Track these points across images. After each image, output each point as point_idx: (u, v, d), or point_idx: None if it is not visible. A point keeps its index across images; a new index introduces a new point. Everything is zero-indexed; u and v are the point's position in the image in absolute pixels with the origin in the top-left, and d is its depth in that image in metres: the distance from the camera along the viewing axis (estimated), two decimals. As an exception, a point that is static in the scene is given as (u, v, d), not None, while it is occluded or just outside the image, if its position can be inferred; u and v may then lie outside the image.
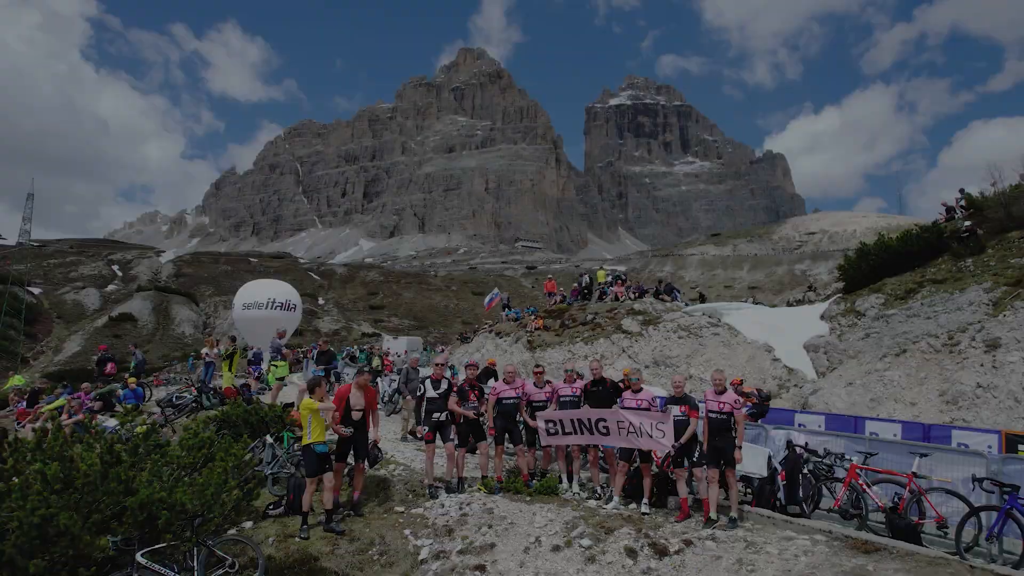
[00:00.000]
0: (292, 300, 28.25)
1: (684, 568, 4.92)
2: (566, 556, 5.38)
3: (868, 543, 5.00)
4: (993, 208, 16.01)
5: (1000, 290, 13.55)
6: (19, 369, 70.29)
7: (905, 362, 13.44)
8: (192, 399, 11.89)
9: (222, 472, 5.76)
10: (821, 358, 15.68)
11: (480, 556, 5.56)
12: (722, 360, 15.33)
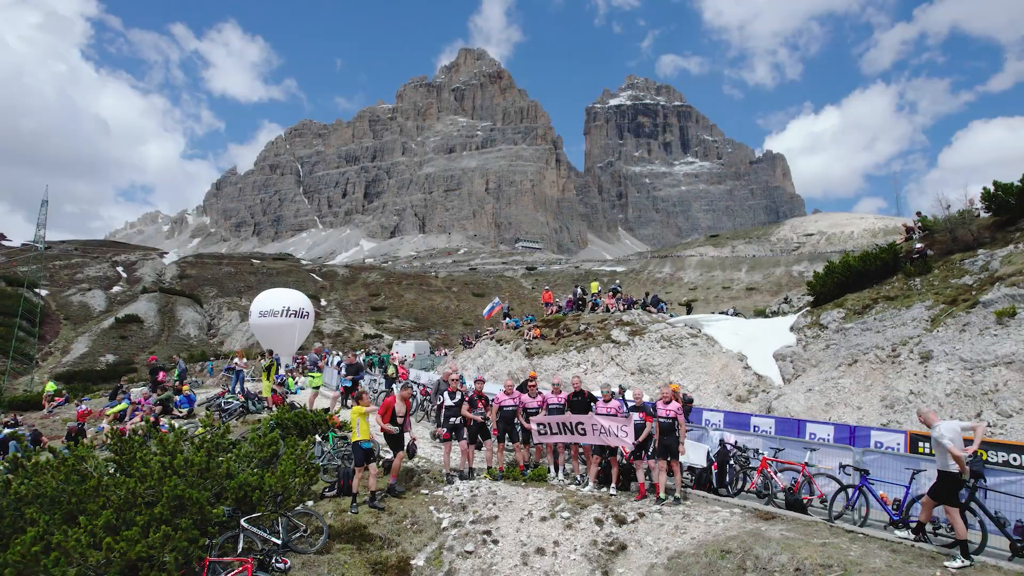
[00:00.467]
0: (305, 308, 30.02)
1: (636, 532, 6.71)
2: (551, 524, 7.19)
3: (768, 513, 6.83)
4: (941, 232, 17.78)
5: (939, 307, 15.31)
6: (32, 370, 72.06)
7: (855, 371, 15.21)
8: (239, 404, 13.64)
9: (292, 462, 7.61)
10: (788, 366, 17.44)
11: (487, 524, 7.35)
12: (699, 368, 17.10)
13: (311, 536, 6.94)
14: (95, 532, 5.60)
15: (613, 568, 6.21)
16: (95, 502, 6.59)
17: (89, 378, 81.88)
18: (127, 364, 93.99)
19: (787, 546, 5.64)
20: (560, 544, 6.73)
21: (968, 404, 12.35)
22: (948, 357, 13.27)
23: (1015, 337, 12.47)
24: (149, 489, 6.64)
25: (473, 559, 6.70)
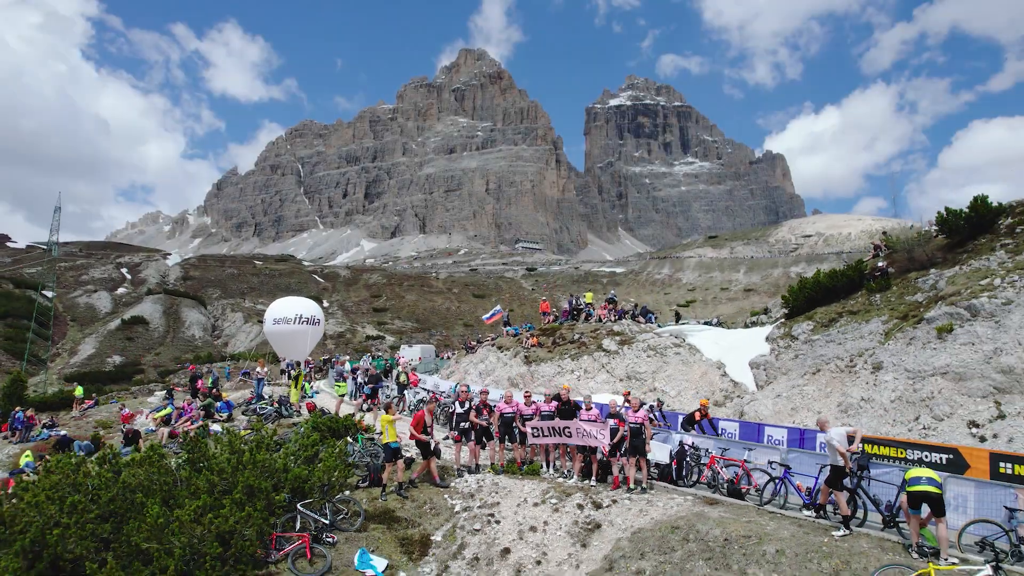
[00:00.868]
0: (316, 315, 31.72)
1: (609, 514, 8.48)
2: (541, 509, 8.94)
3: (713, 499, 8.58)
4: (900, 252, 19.53)
5: (892, 322, 17.06)
6: (44, 371, 73.72)
7: (818, 379, 16.96)
8: (273, 410, 15.39)
9: (333, 460, 9.41)
10: (761, 374, 19.19)
11: (491, 508, 9.10)
12: (680, 375, 18.89)
13: (351, 518, 8.71)
14: (196, 512, 7.40)
15: (590, 542, 7.96)
16: (183, 490, 8.43)
17: (98, 379, 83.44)
18: (134, 365, 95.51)
19: (721, 523, 7.38)
20: (549, 524, 8.49)
21: (909, 409, 14.14)
22: (895, 368, 15.04)
23: (950, 351, 14.25)
24: (224, 480, 8.46)
25: (480, 535, 8.47)
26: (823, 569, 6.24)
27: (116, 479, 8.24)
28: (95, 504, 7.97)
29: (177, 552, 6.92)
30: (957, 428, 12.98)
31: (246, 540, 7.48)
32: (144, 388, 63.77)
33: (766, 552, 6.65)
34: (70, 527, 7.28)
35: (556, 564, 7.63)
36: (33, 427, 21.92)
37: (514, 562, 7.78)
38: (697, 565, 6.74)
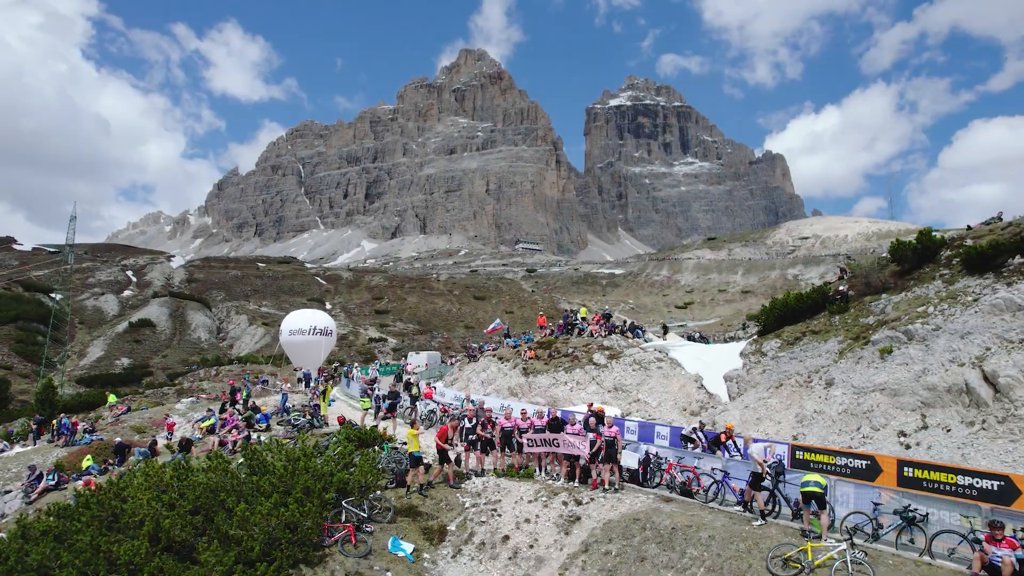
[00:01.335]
0: (329, 327, 34.03)
1: (587, 509, 10.71)
2: (534, 504, 11.22)
3: (668, 498, 10.83)
4: (860, 277, 21.79)
5: (846, 342, 19.28)
6: (59, 372, 75.85)
7: (780, 393, 19.21)
8: (307, 421, 17.64)
9: (368, 465, 11.70)
10: (733, 387, 21.42)
11: (493, 504, 11.38)
12: (661, 388, 21.16)
13: (383, 512, 10.97)
14: (270, 507, 9.71)
15: (571, 531, 10.20)
16: (248, 490, 10.74)
17: (109, 381, 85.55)
18: (143, 368, 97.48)
19: (671, 516, 9.61)
20: (539, 517, 10.73)
21: (852, 421, 16.43)
22: (844, 384, 17.32)
23: (888, 370, 16.52)
24: (283, 482, 10.78)
25: (485, 526, 10.71)
26: (739, 549, 8.46)
27: (189, 481, 10.53)
28: (186, 500, 10.30)
29: (260, 537, 9.24)
30: (889, 437, 15.26)
31: (307, 529, 9.79)
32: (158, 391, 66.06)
33: (701, 537, 8.88)
34: (174, 518, 9.60)
35: (544, 547, 9.88)
36: (76, 432, 24.20)
37: (512, 546, 10.02)
38: (650, 547, 8.96)
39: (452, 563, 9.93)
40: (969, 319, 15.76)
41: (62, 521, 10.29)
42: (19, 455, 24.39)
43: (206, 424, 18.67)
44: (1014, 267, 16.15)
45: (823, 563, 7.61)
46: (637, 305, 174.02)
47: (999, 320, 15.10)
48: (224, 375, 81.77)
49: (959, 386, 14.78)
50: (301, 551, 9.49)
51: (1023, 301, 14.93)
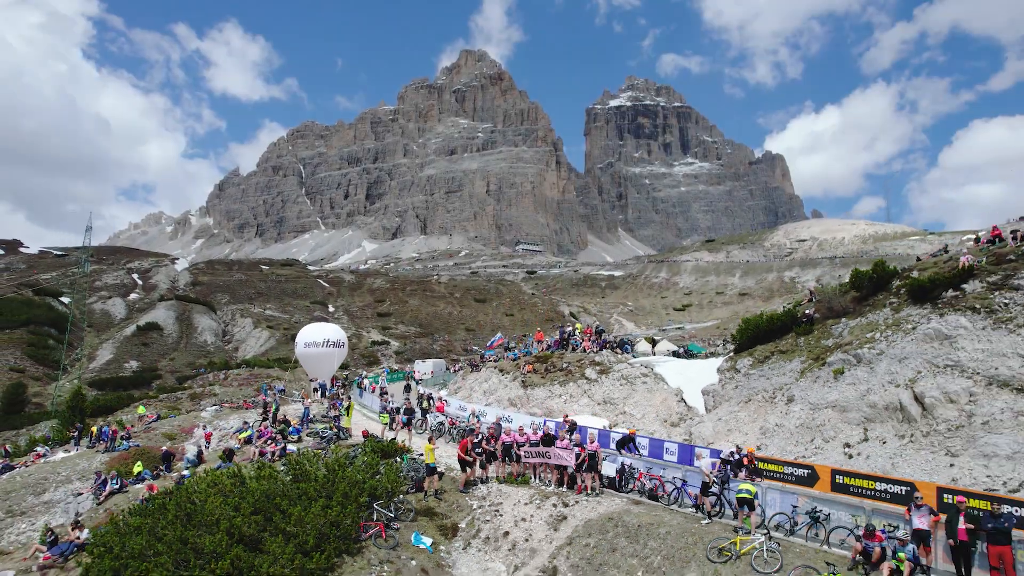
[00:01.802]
0: (341, 339, 36.63)
1: (573, 510, 13.11)
2: (529, 506, 13.60)
3: (638, 501, 13.24)
4: (824, 301, 24.18)
5: (808, 362, 21.74)
6: (76, 375, 78.14)
7: (748, 407, 21.65)
8: (333, 434, 20.06)
9: (392, 474, 14.16)
10: (710, 400, 23.85)
11: (496, 506, 13.77)
12: (645, 401, 23.59)
13: (406, 513, 13.41)
14: (318, 508, 12.16)
15: (559, 527, 12.61)
16: (294, 494, 13.20)
17: (120, 384, 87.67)
18: (152, 371, 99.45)
19: (638, 516, 12.00)
20: (533, 516, 13.15)
21: (807, 433, 18.89)
22: (802, 400, 19.78)
23: (839, 389, 18.97)
24: (325, 488, 13.24)
25: (489, 523, 13.13)
26: (688, 542, 10.86)
27: (247, 486, 13.00)
28: (247, 503, 12.77)
29: (312, 533, 11.71)
30: (837, 448, 17.72)
31: (347, 526, 12.26)
32: (172, 396, 68.58)
33: (660, 532, 11.28)
34: (242, 517, 12.08)
35: (537, 541, 12.29)
36: (115, 439, 26.68)
37: (511, 540, 12.44)
38: (620, 540, 11.37)
39: (463, 554, 12.37)
40: (907, 345, 18.22)
41: (150, 519, 12.77)
42: (65, 460, 26.83)
43: (243, 435, 21.07)
44: (947, 300, 18.59)
45: (746, 552, 10.01)
46: (636, 307, 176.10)
47: (929, 347, 17.56)
48: (232, 379, 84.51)
49: (895, 404, 17.24)
50: (343, 544, 11.96)
51: (949, 331, 17.38)
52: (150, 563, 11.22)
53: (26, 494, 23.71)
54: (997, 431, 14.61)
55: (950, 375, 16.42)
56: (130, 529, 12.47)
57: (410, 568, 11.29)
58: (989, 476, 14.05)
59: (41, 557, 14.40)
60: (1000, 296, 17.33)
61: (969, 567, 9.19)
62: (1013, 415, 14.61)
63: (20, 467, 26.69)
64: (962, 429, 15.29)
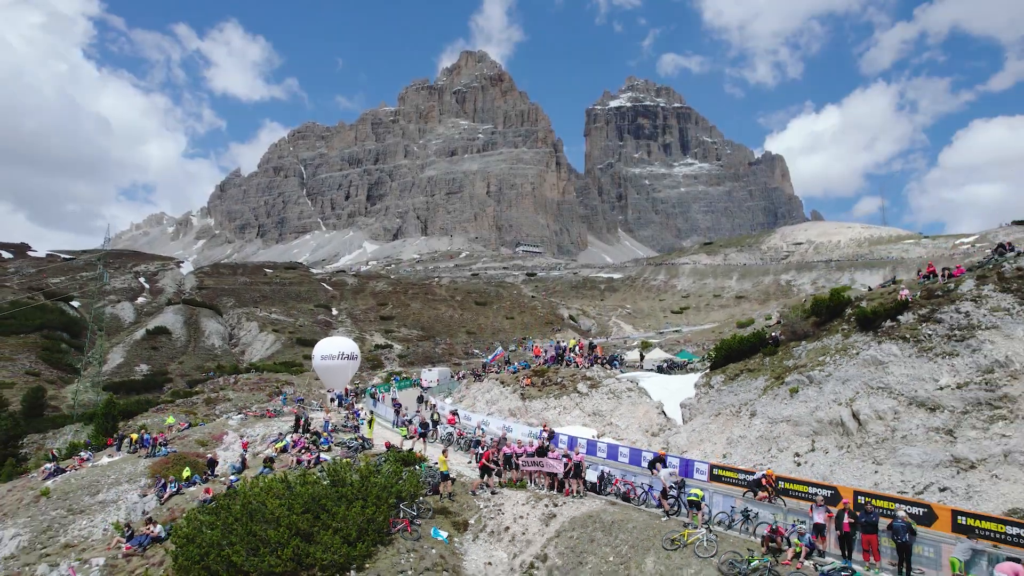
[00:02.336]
0: (355, 352, 39.63)
1: (561, 509, 16.10)
2: (525, 506, 16.57)
3: (614, 503, 16.23)
4: (788, 325, 27.20)
5: (770, 381, 24.77)
6: (97, 383, 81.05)
7: (718, 420, 24.70)
8: (359, 444, 23.04)
9: (413, 479, 17.27)
10: (687, 413, 26.89)
11: (500, 506, 16.77)
12: (629, 414, 26.62)
13: (425, 512, 16.45)
14: (357, 509, 15.25)
15: (550, 523, 15.64)
16: (334, 495, 16.29)
17: (133, 388, 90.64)
18: (162, 375, 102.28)
19: (612, 514, 15.02)
20: (529, 514, 16.18)
21: (765, 444, 21.95)
22: (762, 415, 22.85)
23: (793, 406, 22.03)
24: (359, 492, 16.32)
25: (493, 520, 16.18)
26: (649, 534, 13.87)
27: (294, 490, 16.07)
28: (298, 504, 15.86)
29: (353, 528, 14.79)
30: (788, 457, 20.78)
31: (380, 522, 15.33)
32: (187, 401, 71.62)
33: (628, 527, 14.30)
34: (296, 515, 15.17)
35: (532, 534, 15.33)
36: (156, 445, 29.76)
37: (511, 533, 15.48)
38: (597, 533, 14.40)
39: (472, 544, 15.43)
40: (850, 369, 21.29)
41: (219, 516, 15.87)
42: (111, 464, 29.89)
43: (279, 445, 24.10)
44: (885, 329, 21.66)
45: (691, 542, 13.03)
46: (634, 310, 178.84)
47: (867, 371, 20.63)
48: (243, 383, 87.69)
49: (837, 420, 20.32)
50: (378, 536, 15.03)
51: (883, 358, 20.45)
52: (227, 551, 14.33)
53: (82, 495, 26.84)
54: (912, 444, 17.68)
55: (881, 396, 19.49)
56: (204, 524, 15.57)
57: (431, 556, 14.36)
58: (903, 481, 17.13)
59: (123, 547, 17.44)
60: (926, 327, 20.40)
61: (851, 550, 12.21)
62: (925, 431, 17.68)
63: (69, 470, 29.73)
64: (887, 442, 18.37)
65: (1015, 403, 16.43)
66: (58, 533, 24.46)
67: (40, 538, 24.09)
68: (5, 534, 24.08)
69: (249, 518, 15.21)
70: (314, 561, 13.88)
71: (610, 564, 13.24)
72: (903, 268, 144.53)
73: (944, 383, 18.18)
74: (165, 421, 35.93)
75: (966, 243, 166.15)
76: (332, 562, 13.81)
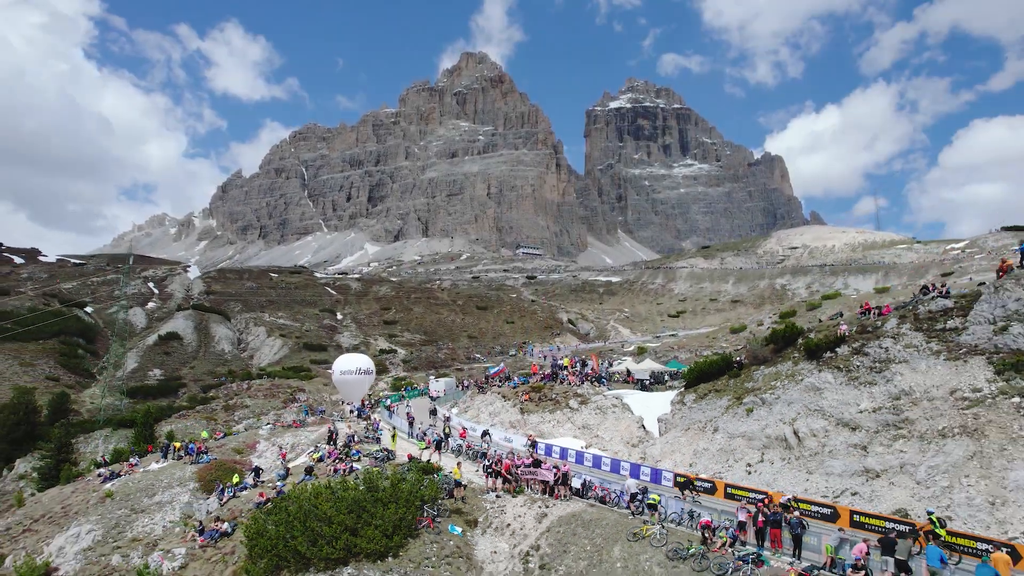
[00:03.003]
0: (370, 367, 43.80)
1: (551, 509, 20.18)
2: (523, 507, 20.70)
3: (594, 505, 20.37)
4: (750, 351, 31.37)
5: (732, 401, 28.94)
6: (121, 391, 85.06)
7: (687, 434, 28.89)
8: (384, 456, 27.12)
9: (433, 485, 21.56)
10: (663, 427, 31.09)
11: (502, 509, 20.89)
12: (612, 427, 30.76)
13: (444, 512, 20.64)
14: (392, 509, 19.54)
15: (542, 521, 19.80)
16: (371, 498, 20.61)
17: (149, 393, 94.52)
18: (176, 380, 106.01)
19: (591, 514, 19.14)
20: (526, 514, 20.35)
21: (724, 456, 26.17)
22: (723, 431, 27.06)
23: (748, 423, 26.23)
24: (391, 495, 20.63)
25: (498, 519, 20.37)
26: (618, 529, 18.03)
27: (336, 495, 20.30)
28: (343, 504, 20.10)
29: (389, 524, 19.05)
30: (742, 467, 24.99)
31: (409, 520, 19.58)
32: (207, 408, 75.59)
33: (602, 523, 18.47)
34: (343, 514, 19.41)
35: (528, 529, 19.51)
36: (199, 453, 33.96)
37: (512, 528, 19.67)
38: (579, 529, 18.58)
39: (481, 537, 19.64)
40: (795, 393, 25.51)
41: (280, 515, 20.08)
42: (162, 470, 34.13)
43: (316, 455, 28.29)
44: (825, 359, 25.87)
45: (648, 535, 17.17)
46: (632, 313, 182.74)
47: (807, 396, 24.85)
48: (256, 389, 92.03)
49: (781, 436, 24.54)
50: (408, 531, 19.24)
51: (820, 384, 24.67)
52: (291, 542, 18.59)
53: (141, 496, 31.09)
54: (835, 457, 21.90)
55: (816, 417, 23.71)
56: (268, 521, 19.82)
57: (449, 546, 18.58)
58: (827, 486, 21.36)
59: (198, 540, 21.63)
60: (856, 359, 24.61)
61: (763, 540, 16.38)
62: (846, 446, 21.90)
63: (124, 475, 33.97)
64: (817, 455, 22.59)
65: (913, 425, 20.64)
66: (125, 529, 28.70)
67: (111, 533, 28.33)
68: (81, 530, 28.35)
69: (305, 516, 19.45)
70: (360, 550, 18.12)
71: (587, 552, 17.45)
72: (895, 273, 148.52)
73: (863, 407, 22.41)
74: (200, 433, 40.10)
75: (956, 248, 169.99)
76: (374, 551, 18.06)
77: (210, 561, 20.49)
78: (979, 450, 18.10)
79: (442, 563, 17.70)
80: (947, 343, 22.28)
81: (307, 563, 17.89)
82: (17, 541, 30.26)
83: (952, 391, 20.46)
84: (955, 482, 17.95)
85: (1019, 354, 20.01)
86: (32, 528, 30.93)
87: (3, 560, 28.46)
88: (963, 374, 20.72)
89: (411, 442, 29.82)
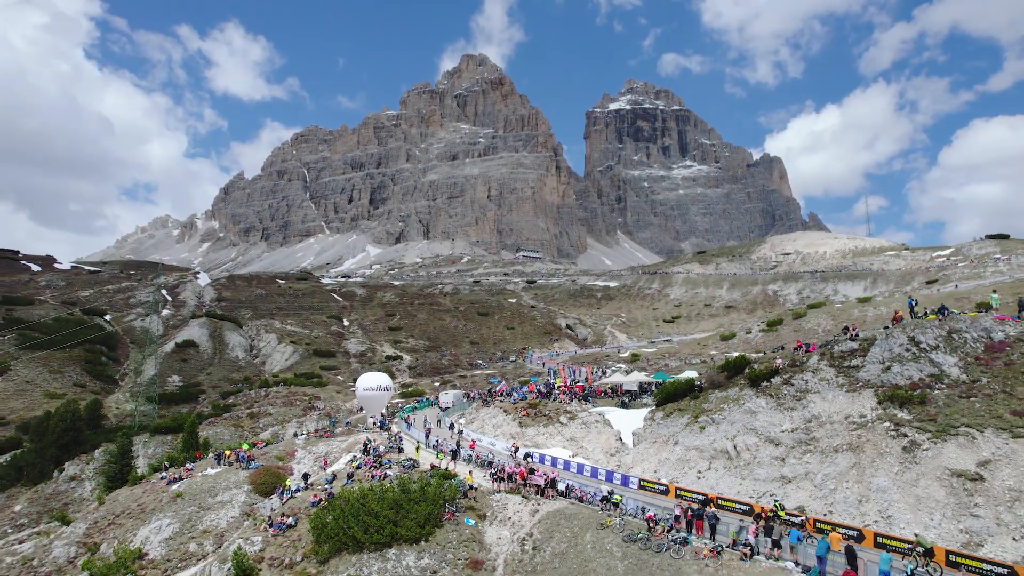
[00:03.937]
0: (389, 384, 50.36)
1: (542, 507, 26.60)
2: (521, 504, 27.06)
3: (574, 503, 26.78)
4: (708, 376, 37.85)
5: (690, 419, 35.41)
6: (153, 399, 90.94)
7: (654, 446, 35.40)
8: (410, 464, 33.47)
9: (452, 488, 28.18)
10: (636, 440, 37.57)
11: (505, 506, 27.23)
12: (595, 440, 37.15)
13: (461, 509, 27.09)
14: (423, 507, 26.18)
15: (535, 515, 26.22)
16: (406, 498, 27.31)
17: (171, 400, 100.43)
18: (195, 386, 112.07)
19: (572, 509, 25.50)
20: (522, 510, 26.68)
21: (681, 465, 32.72)
22: (682, 444, 33.58)
23: (700, 438, 32.69)
24: (421, 496, 27.30)
25: (501, 513, 26.83)
26: (591, 520, 24.44)
27: (378, 495, 26.82)
28: (385, 502, 26.74)
29: (422, 518, 25.68)
30: (693, 474, 31.50)
31: (435, 515, 26.20)
32: (233, 415, 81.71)
33: (580, 516, 24.79)
34: (387, 510, 26.06)
35: (523, 521, 25.95)
36: (249, 460, 40.44)
37: (511, 521, 26.16)
38: (561, 520, 24.99)
39: (489, 527, 26.15)
40: (737, 415, 32.02)
41: (335, 511, 26.62)
42: (218, 474, 40.55)
43: (355, 463, 34.80)
44: (762, 387, 32.39)
45: (610, 524, 23.66)
46: (629, 319, 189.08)
47: (745, 417, 31.36)
48: (274, 396, 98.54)
49: (725, 450, 31.05)
50: (436, 522, 25.80)
51: (755, 408, 31.17)
52: (348, 531, 25.13)
53: (205, 496, 37.55)
54: (761, 466, 28.43)
55: (751, 435, 30.23)
56: (328, 515, 26.36)
57: (465, 534, 25.09)
58: (754, 489, 27.87)
59: (270, 531, 28.12)
60: (784, 388, 31.12)
61: (691, 529, 22.91)
62: (770, 458, 28.41)
63: (185, 477, 40.39)
64: (750, 465, 29.11)
65: (818, 442, 27.17)
66: (196, 523, 35.18)
67: (186, 526, 34.82)
68: (162, 523, 34.88)
69: (357, 512, 26.00)
70: (400, 537, 24.65)
71: (567, 537, 23.97)
72: (883, 280, 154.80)
73: (785, 427, 28.95)
74: (242, 444, 46.49)
75: (942, 256, 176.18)
76: (411, 537, 24.59)
77: (281, 547, 26.97)
78: (857, 462, 24.63)
79: (460, 546, 24.25)
80: (850, 378, 28.81)
81: (361, 546, 24.41)
82: (106, 532, 36.81)
83: (847, 416, 26.99)
84: (839, 485, 24.48)
85: (895, 388, 26.55)
86: (116, 522, 37.45)
87: (99, 547, 35.04)
88: (856, 403, 27.24)
89: (428, 451, 36.33)
